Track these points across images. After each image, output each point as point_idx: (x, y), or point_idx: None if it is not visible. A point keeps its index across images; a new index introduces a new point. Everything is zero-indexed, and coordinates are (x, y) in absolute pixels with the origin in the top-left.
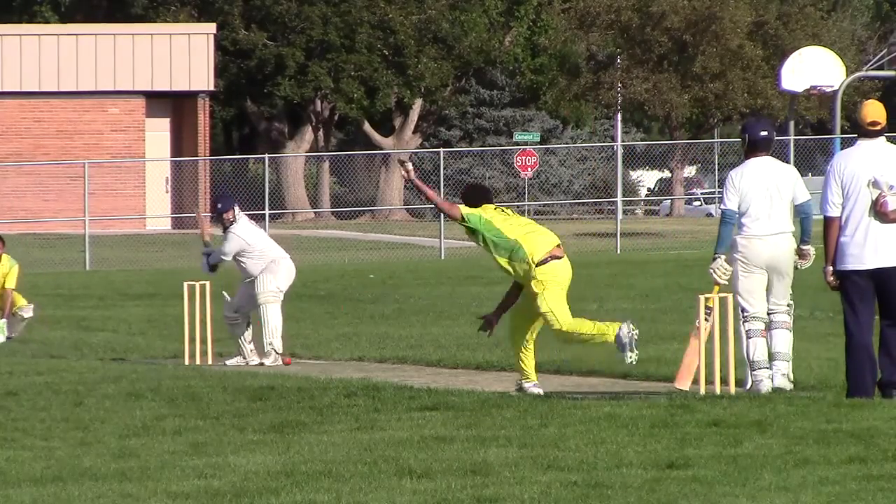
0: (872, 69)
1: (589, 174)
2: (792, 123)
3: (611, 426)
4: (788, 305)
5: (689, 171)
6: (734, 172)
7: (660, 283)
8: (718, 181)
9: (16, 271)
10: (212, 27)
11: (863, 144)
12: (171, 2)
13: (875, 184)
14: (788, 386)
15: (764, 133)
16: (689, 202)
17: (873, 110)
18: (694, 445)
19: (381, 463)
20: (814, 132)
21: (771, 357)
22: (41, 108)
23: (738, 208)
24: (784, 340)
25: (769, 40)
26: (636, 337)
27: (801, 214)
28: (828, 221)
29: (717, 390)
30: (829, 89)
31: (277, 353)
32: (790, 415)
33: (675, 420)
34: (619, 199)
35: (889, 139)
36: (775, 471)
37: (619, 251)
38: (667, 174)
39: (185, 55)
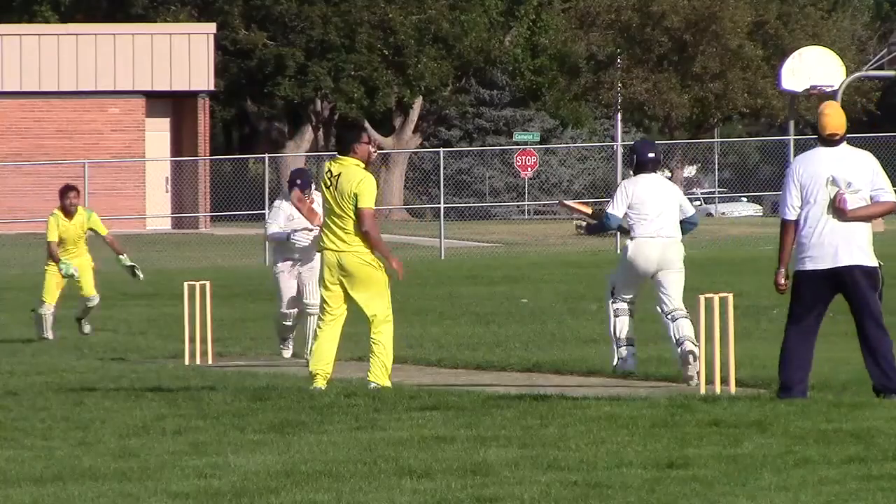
0: (872, 69)
1: (589, 174)
2: (792, 123)
3: (611, 426)
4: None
5: (689, 171)
6: (627, 182)
7: None
8: (718, 181)
9: (97, 218)
10: (212, 27)
11: (821, 149)
12: (171, 2)
13: (833, 181)
14: (696, 351)
15: (651, 155)
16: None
17: (830, 122)
18: (694, 445)
19: (381, 463)
20: (814, 132)
21: (678, 342)
22: (41, 108)
23: (625, 216)
24: (687, 326)
25: (769, 40)
26: None
27: (687, 224)
28: (784, 225)
29: (718, 390)
30: (829, 89)
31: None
32: (790, 415)
33: (675, 420)
34: None
35: (889, 140)
36: (775, 471)
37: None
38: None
39: (185, 55)
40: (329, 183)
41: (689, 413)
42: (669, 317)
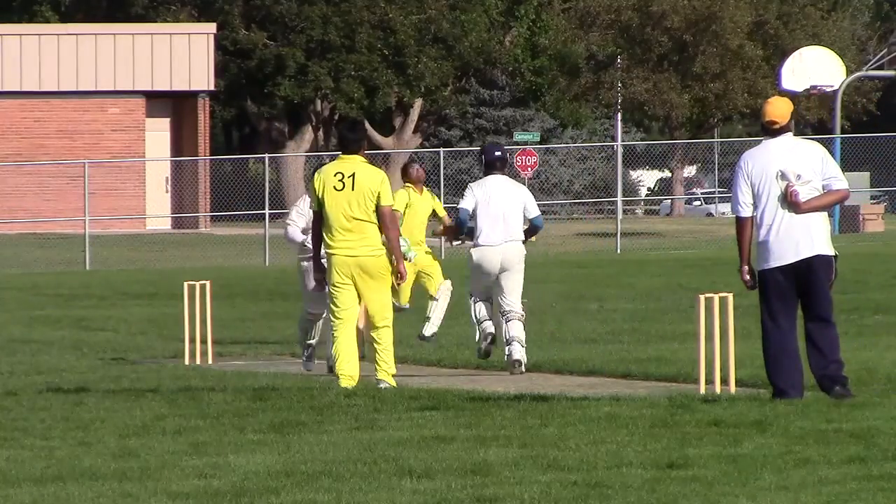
0: (872, 69)
1: (589, 174)
2: (792, 123)
3: (611, 426)
4: (523, 302)
5: (689, 171)
6: (475, 183)
7: (660, 283)
8: (718, 181)
9: (439, 202)
10: (212, 27)
11: (769, 142)
12: (171, 2)
13: (782, 175)
14: (522, 358)
15: (498, 153)
16: (689, 202)
17: (772, 109)
18: (694, 445)
19: (381, 463)
20: (814, 132)
21: (508, 341)
22: (41, 108)
23: (473, 213)
24: (518, 328)
25: (769, 40)
26: None
27: (533, 224)
28: (739, 222)
29: (718, 390)
30: (829, 89)
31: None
32: (790, 415)
33: (675, 420)
34: (619, 198)
35: (889, 140)
36: (775, 471)
37: (619, 251)
38: (667, 174)
39: (185, 55)
40: (343, 184)
41: (689, 413)
42: (505, 317)
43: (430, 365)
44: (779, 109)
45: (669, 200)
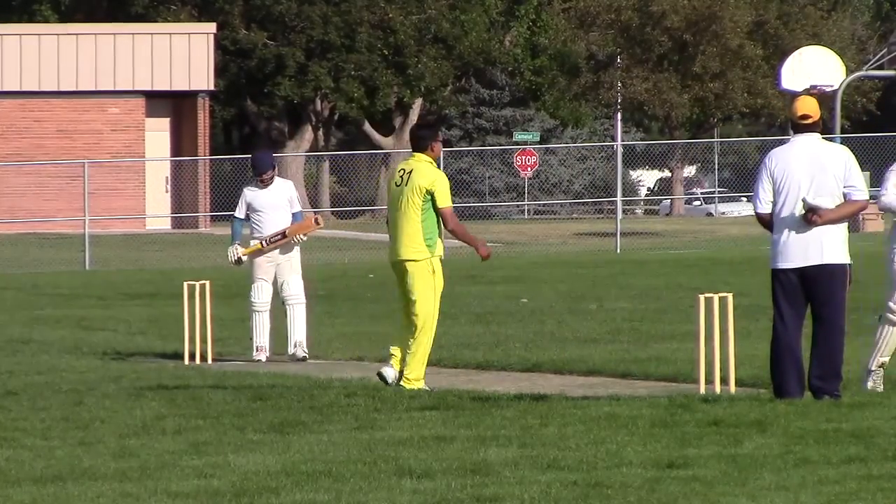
0: (872, 69)
1: (589, 174)
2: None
3: (611, 426)
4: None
5: (689, 170)
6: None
7: (660, 282)
8: (718, 181)
9: None
10: (212, 27)
11: (796, 141)
12: (172, 1)
13: (805, 202)
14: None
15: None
16: (689, 202)
17: (803, 105)
18: (694, 445)
19: (381, 463)
20: None
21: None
22: (41, 108)
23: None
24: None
25: (769, 40)
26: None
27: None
28: (758, 218)
29: (717, 390)
30: (829, 89)
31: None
32: (790, 415)
33: (675, 420)
34: (619, 198)
35: (889, 140)
36: (775, 471)
37: (619, 251)
38: (667, 174)
39: (185, 55)
40: (401, 180)
41: (689, 413)
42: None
43: (430, 365)
44: (809, 105)
45: (669, 200)
